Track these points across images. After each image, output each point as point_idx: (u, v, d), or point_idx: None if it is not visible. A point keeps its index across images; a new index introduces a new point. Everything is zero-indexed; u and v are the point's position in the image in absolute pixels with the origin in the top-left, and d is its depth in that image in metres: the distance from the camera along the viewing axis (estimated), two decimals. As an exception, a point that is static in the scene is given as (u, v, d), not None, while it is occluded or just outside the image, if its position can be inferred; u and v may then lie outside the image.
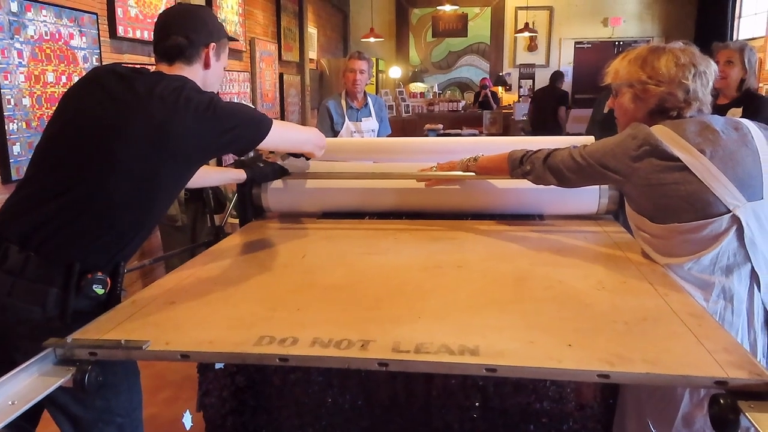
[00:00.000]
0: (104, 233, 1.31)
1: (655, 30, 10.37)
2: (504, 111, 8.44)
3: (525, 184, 1.70)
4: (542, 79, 10.69)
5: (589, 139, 1.98)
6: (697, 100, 1.44)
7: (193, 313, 1.26)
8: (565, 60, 10.63)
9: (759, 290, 1.33)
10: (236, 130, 1.39)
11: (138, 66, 1.44)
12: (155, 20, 1.49)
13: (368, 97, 3.74)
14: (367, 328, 1.14)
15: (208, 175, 1.89)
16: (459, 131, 8.15)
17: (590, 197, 1.90)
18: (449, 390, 1.57)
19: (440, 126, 8.28)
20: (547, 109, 7.73)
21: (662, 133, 1.40)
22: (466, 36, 10.58)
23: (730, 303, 1.32)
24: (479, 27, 10.66)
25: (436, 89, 10.39)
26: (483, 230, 1.87)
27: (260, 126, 1.45)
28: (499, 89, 9.99)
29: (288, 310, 1.25)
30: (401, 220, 2.00)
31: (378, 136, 3.71)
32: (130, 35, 3.54)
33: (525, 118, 7.72)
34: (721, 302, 1.32)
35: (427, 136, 7.95)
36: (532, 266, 1.51)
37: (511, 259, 1.58)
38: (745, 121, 1.47)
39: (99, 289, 1.28)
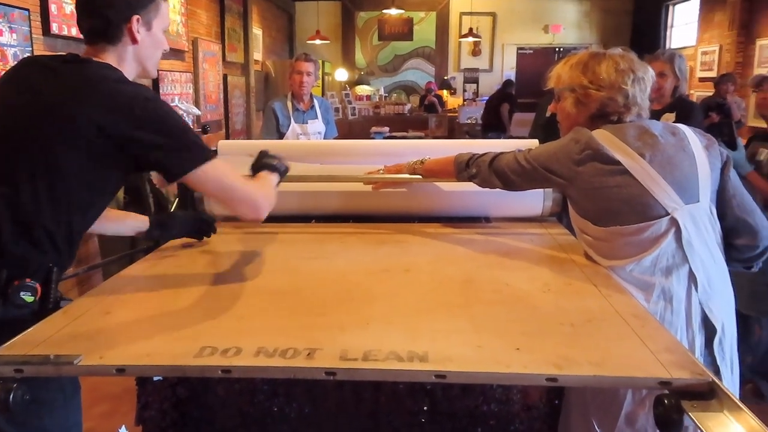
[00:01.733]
0: (29, 237, 1.23)
1: (593, 37, 10.73)
2: (449, 114, 8.55)
3: (471, 186, 1.70)
4: (486, 83, 10.90)
5: (534, 143, 2.01)
6: (636, 104, 1.48)
7: (131, 323, 1.20)
8: (507, 65, 10.86)
9: (696, 290, 1.37)
10: (159, 137, 1.25)
11: (66, 54, 1.32)
12: None
13: (314, 99, 3.70)
14: (313, 336, 1.10)
15: (106, 219, 1.49)
16: (405, 134, 8.20)
17: (535, 200, 1.93)
18: (398, 395, 1.56)
19: (386, 129, 8.31)
20: (493, 111, 7.93)
21: (603, 138, 1.42)
22: (412, 40, 10.69)
23: (669, 303, 1.36)
24: (424, 31, 10.77)
25: (382, 92, 10.43)
26: (430, 233, 1.86)
27: (192, 151, 1.28)
28: (444, 93, 10.12)
29: (231, 319, 1.21)
30: (348, 223, 1.98)
31: (324, 138, 3.68)
32: (65, 33, 3.39)
33: (470, 121, 7.83)
34: (661, 303, 1.36)
35: (373, 138, 7.96)
36: (479, 269, 1.51)
37: (458, 262, 1.58)
38: (682, 126, 1.52)
39: (28, 297, 1.20)
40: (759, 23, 7.52)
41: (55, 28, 3.29)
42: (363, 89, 10.12)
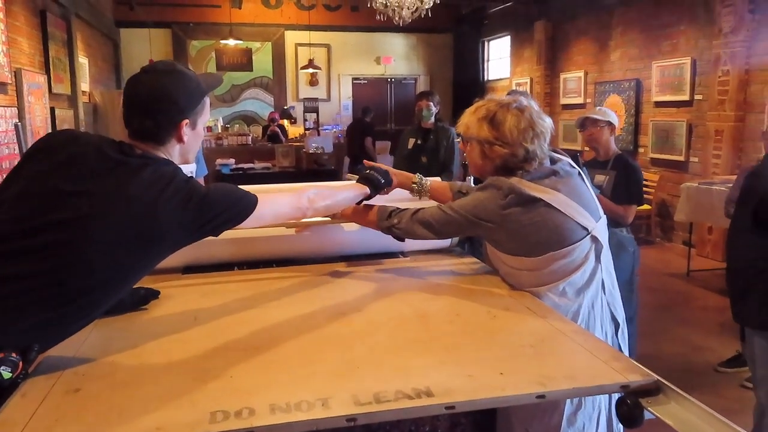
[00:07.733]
0: (42, 316, 1.17)
1: (421, 69, 11.53)
2: (296, 144, 8.63)
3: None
4: (326, 112, 11.18)
5: (436, 180, 2.20)
6: (536, 157, 1.68)
7: (112, 396, 1.13)
8: (344, 95, 11.26)
9: (605, 293, 1.65)
10: (219, 218, 1.36)
11: (120, 143, 1.34)
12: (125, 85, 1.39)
13: (184, 138, 3.59)
14: (314, 386, 1.15)
15: None
16: (252, 165, 8.11)
17: (445, 233, 2.10)
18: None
19: (232, 160, 8.16)
20: (356, 141, 8.31)
21: (520, 183, 1.63)
22: (252, 70, 10.64)
23: (592, 309, 1.62)
24: (261, 61, 10.78)
25: (221, 122, 10.20)
26: (358, 272, 1.95)
27: (243, 210, 1.43)
28: (285, 122, 10.20)
29: (221, 379, 1.19)
30: (272, 268, 1.99)
31: (195, 177, 3.57)
32: None
33: (317, 150, 8.00)
34: (588, 310, 1.60)
35: (220, 171, 7.78)
36: (425, 303, 1.63)
37: (403, 298, 1.68)
38: (565, 158, 1.78)
39: (6, 373, 1.09)
40: (561, 60, 8.69)
41: None
42: (201, 120, 9.81)
